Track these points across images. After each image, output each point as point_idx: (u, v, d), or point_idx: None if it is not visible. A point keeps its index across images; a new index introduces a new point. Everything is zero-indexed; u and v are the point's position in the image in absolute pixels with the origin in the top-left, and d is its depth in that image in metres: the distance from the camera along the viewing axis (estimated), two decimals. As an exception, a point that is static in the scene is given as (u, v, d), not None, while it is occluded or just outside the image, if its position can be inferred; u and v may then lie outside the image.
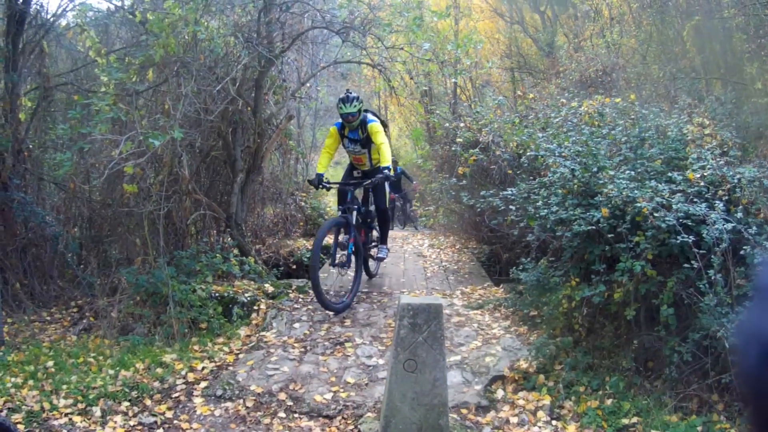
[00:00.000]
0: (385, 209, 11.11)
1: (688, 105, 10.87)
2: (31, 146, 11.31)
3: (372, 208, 11.09)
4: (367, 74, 26.23)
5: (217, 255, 11.06)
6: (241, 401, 7.25)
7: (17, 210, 10.31)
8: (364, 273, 11.14)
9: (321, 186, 10.32)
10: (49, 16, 11.76)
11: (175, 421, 6.92)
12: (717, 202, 6.85)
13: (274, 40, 11.69)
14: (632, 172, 7.77)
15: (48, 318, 10.08)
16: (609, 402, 6.98)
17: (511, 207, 9.41)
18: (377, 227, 11.59)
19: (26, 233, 10.73)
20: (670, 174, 7.60)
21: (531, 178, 10.00)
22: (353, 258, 10.28)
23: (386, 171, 9.83)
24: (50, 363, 8.02)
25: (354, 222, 10.21)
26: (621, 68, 15.41)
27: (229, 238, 12.28)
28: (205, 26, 9.91)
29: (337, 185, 10.79)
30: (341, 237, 10.28)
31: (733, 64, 13.72)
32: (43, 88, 11.15)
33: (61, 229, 11.16)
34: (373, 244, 11.63)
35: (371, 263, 11.87)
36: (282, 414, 7.00)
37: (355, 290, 10.29)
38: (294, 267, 14.95)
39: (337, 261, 10.13)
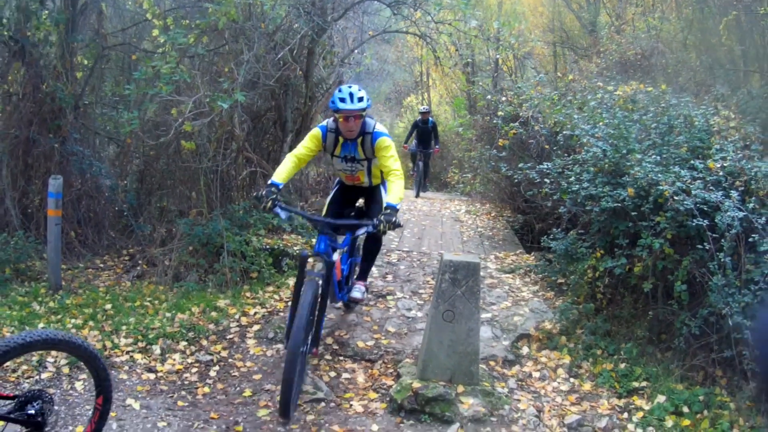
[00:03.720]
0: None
1: (721, 95, 11.20)
2: (87, 102, 11.68)
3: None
4: (409, 41, 26.48)
5: (268, 209, 11.43)
6: (291, 344, 7.86)
7: (75, 163, 10.69)
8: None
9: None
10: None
11: (229, 360, 7.52)
12: (733, 191, 7.23)
13: (326, 9, 12.17)
14: (658, 157, 8.12)
15: (101, 265, 10.56)
16: (622, 366, 7.49)
17: (546, 180, 9.78)
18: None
19: (81, 185, 11.08)
20: (693, 162, 7.91)
21: (566, 154, 10.33)
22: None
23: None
24: (108, 306, 8.55)
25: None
26: (660, 53, 15.55)
27: (278, 195, 12.49)
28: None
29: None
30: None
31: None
32: (100, 48, 11.46)
33: (116, 182, 11.62)
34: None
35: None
36: (329, 356, 7.61)
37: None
38: (336, 225, 15.36)
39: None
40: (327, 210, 7.89)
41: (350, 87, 7.08)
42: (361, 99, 6.99)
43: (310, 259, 7.45)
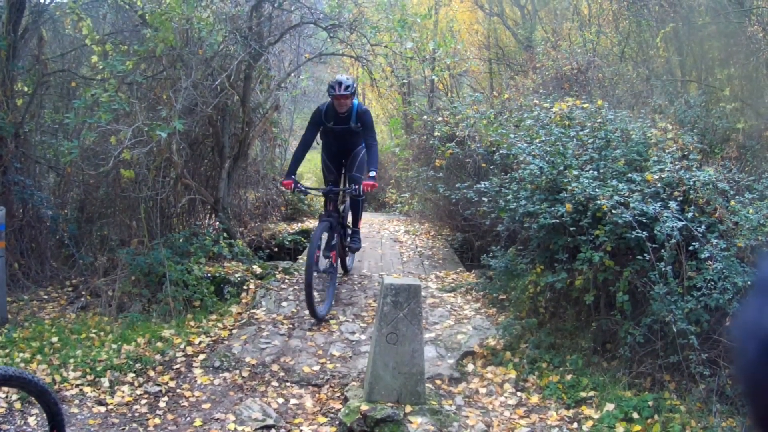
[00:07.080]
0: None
1: (659, 106, 11.35)
2: (27, 130, 11.52)
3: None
4: (345, 61, 26.44)
5: (208, 237, 11.43)
6: (238, 372, 7.85)
7: (17, 193, 10.58)
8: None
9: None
10: (45, 1, 12.10)
11: (178, 390, 7.50)
12: (671, 202, 7.37)
13: (263, 33, 12.18)
14: (595, 172, 8.21)
15: (45, 297, 10.42)
16: (569, 377, 7.57)
17: (483, 199, 9.85)
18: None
19: (23, 215, 10.99)
20: (630, 175, 8.05)
21: (503, 173, 10.40)
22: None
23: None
24: (54, 339, 8.45)
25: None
26: (596, 67, 15.59)
27: (218, 222, 12.54)
28: (204, 22, 10.31)
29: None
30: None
31: (705, 68, 14.14)
32: (40, 74, 11.34)
33: (57, 212, 11.49)
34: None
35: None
36: (275, 383, 7.62)
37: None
38: (276, 250, 15.18)
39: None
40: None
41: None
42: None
43: None
